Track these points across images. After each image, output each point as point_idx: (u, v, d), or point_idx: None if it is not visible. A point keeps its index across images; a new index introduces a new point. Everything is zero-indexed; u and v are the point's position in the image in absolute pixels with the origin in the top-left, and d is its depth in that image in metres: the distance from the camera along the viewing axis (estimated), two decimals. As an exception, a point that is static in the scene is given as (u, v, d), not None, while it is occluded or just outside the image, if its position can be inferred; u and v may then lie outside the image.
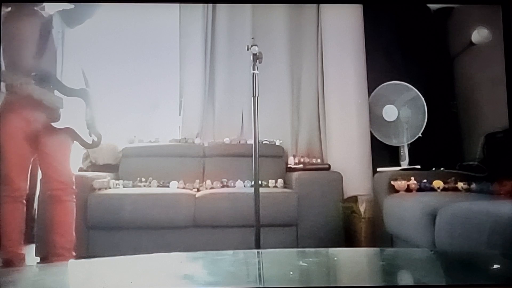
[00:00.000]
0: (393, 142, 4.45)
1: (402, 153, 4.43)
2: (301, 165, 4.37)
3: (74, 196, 3.48)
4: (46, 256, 3.62)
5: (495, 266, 2.33)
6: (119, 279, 2.11)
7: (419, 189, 3.84)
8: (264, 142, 4.35)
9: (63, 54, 3.58)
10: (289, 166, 4.41)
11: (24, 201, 3.30)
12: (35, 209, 4.02)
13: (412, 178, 3.87)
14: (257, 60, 3.23)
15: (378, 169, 4.20)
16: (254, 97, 3.18)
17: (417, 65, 4.56)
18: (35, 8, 3.42)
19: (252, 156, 3.22)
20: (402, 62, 4.61)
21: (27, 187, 3.32)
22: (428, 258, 2.70)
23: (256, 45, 3.22)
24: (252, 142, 3.20)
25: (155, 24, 4.46)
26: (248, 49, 3.23)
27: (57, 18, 3.48)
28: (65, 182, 3.47)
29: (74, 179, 3.54)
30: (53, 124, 3.42)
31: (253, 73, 3.21)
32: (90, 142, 3.61)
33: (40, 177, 3.63)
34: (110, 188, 3.93)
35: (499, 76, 2.83)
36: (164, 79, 4.60)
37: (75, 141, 3.53)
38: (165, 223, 3.70)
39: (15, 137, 3.25)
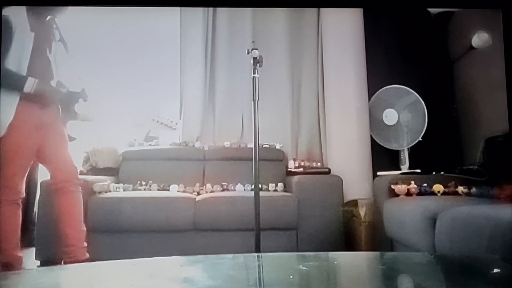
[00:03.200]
0: (393, 146, 4.45)
1: (402, 157, 4.43)
2: (301, 169, 4.36)
3: (80, 188, 3.48)
4: (47, 259, 3.63)
5: (496, 270, 2.33)
6: (119, 283, 2.11)
7: (419, 193, 3.83)
8: (264, 146, 4.35)
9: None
10: (289, 169, 4.41)
11: (20, 203, 3.30)
12: (35, 212, 4.02)
13: (412, 182, 3.86)
14: (258, 64, 3.23)
15: (378, 173, 4.20)
16: (254, 100, 3.18)
17: (418, 69, 4.57)
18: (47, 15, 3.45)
19: (252, 160, 3.22)
20: (403, 66, 4.61)
21: (24, 189, 3.32)
22: (428, 262, 2.70)
23: (256, 49, 3.22)
24: (252, 145, 3.20)
25: (155, 27, 4.46)
26: (248, 53, 3.23)
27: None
28: (70, 172, 3.49)
29: (77, 170, 3.55)
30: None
31: (254, 76, 3.21)
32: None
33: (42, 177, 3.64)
34: (110, 191, 3.93)
35: (499, 80, 2.83)
36: (165, 83, 4.60)
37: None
38: (165, 226, 3.69)
39: (22, 143, 3.25)
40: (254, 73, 3.22)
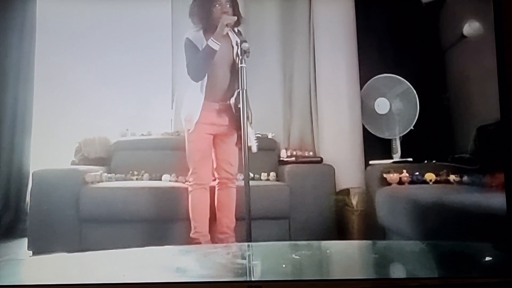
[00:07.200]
0: (385, 135, 4.45)
1: (394, 146, 4.44)
2: (293, 158, 4.36)
3: (236, 183, 3.67)
4: (39, 249, 3.63)
5: (487, 258, 2.35)
6: (111, 273, 2.11)
7: (411, 182, 3.84)
8: (256, 135, 4.34)
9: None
10: (281, 159, 4.41)
11: (208, 188, 3.64)
12: (27, 203, 4.01)
13: (404, 170, 3.87)
14: (245, 54, 3.23)
15: (370, 162, 4.20)
16: (242, 90, 3.18)
17: (409, 58, 4.56)
18: None
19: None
20: (394, 54, 4.61)
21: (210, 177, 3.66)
22: (421, 251, 2.71)
23: (245, 41, 3.22)
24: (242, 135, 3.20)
25: (147, 15, 4.44)
26: (237, 45, 3.24)
27: None
28: (233, 172, 3.70)
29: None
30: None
31: (241, 66, 3.21)
32: None
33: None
34: (102, 181, 3.92)
35: (490, 69, 2.84)
36: (156, 72, 4.58)
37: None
38: (157, 216, 3.69)
39: (205, 137, 3.67)
40: (241, 63, 3.21)
